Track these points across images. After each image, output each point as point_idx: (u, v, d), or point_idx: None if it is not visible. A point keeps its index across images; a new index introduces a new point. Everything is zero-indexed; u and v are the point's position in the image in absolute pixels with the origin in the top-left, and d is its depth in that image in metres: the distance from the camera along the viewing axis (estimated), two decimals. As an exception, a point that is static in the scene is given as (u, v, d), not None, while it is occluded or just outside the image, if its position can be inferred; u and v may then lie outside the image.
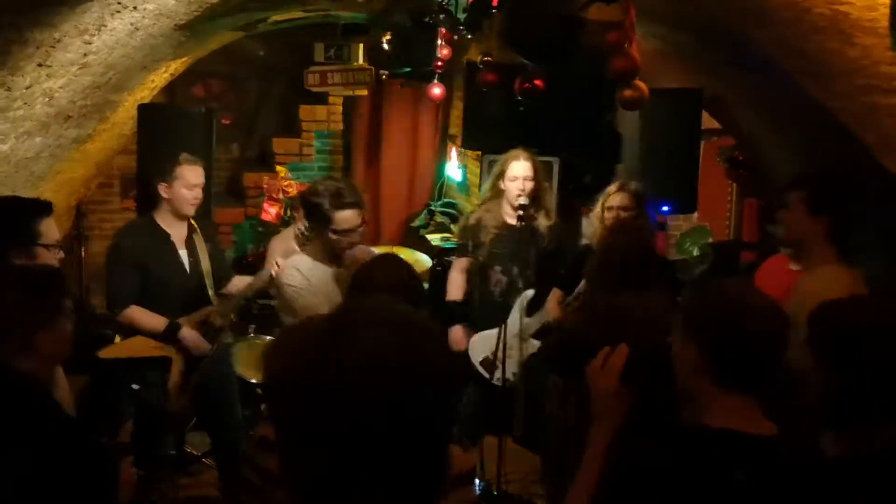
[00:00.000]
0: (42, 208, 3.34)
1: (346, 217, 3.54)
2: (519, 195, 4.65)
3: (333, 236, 3.55)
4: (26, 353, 2.32)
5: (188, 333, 4.24)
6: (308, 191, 3.70)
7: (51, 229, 3.31)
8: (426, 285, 6.54)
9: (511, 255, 4.69)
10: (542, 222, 4.78)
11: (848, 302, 2.21)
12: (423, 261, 6.58)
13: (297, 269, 3.62)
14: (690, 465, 1.83)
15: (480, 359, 4.81)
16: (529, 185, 4.68)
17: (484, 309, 4.87)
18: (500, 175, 4.75)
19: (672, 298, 2.67)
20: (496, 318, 4.66)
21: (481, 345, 4.83)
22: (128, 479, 2.43)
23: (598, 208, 4.49)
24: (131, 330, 4.24)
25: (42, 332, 2.35)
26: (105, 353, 4.32)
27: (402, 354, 1.11)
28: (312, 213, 3.61)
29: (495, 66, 4.91)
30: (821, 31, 3.15)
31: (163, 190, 4.24)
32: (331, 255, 3.63)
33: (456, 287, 4.93)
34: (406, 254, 6.31)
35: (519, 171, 4.68)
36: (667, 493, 1.81)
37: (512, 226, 4.68)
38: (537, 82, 4.09)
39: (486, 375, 4.77)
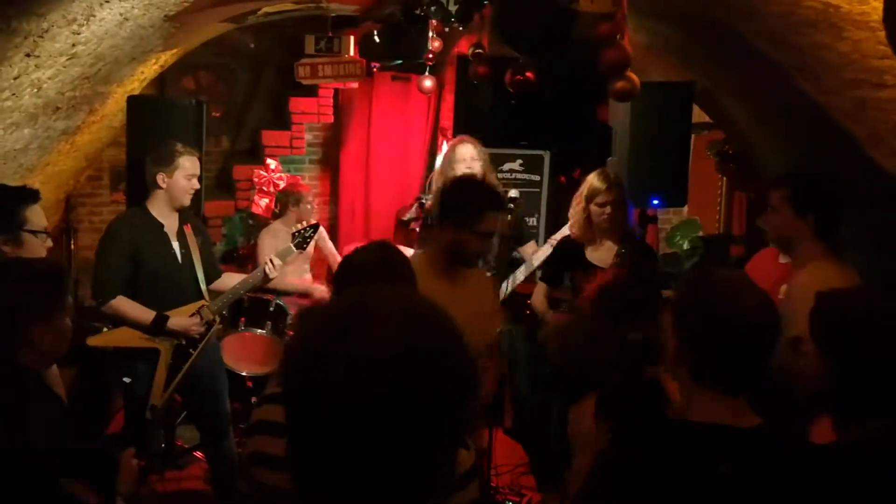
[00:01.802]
0: (28, 195, 3.34)
1: (495, 218, 3.29)
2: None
3: (472, 237, 3.25)
4: (24, 348, 2.30)
5: (176, 323, 4.21)
6: (454, 185, 3.46)
7: (37, 216, 3.32)
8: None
9: None
10: None
11: (850, 293, 2.21)
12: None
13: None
14: (674, 461, 1.82)
15: None
16: (477, 164, 4.74)
17: None
18: (448, 163, 4.84)
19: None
20: None
21: None
22: (129, 471, 2.41)
23: (579, 199, 4.47)
24: (118, 321, 4.22)
25: (39, 327, 2.33)
26: (94, 341, 4.31)
27: (416, 351, 1.08)
28: (454, 208, 3.29)
29: (487, 58, 4.90)
30: (812, 25, 3.15)
31: (161, 180, 4.21)
32: (453, 260, 3.29)
33: None
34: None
35: (465, 153, 4.80)
36: (652, 491, 1.81)
37: None
38: (528, 74, 4.08)
39: None
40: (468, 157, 4.77)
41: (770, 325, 1.88)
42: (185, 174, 4.24)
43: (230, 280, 4.60)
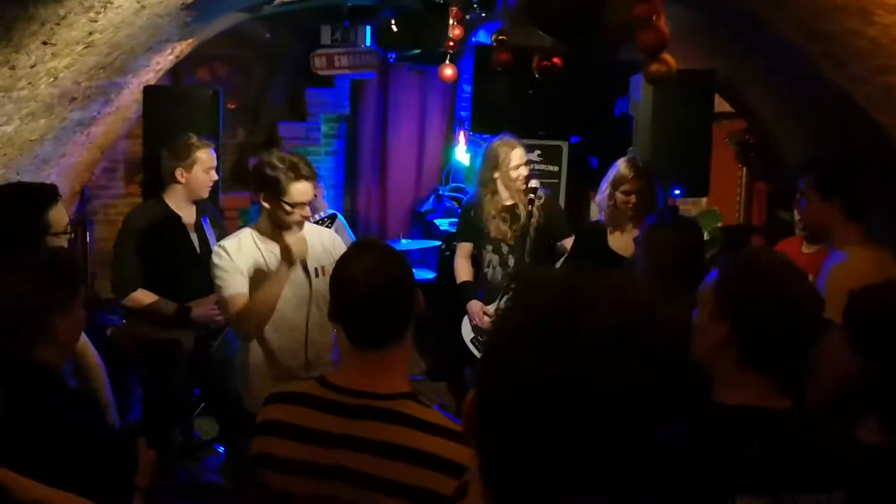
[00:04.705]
0: (49, 195, 3.25)
1: (301, 189, 3.44)
2: (528, 179, 4.65)
3: (287, 208, 3.44)
4: (45, 341, 2.28)
5: (199, 313, 4.17)
6: (262, 162, 3.55)
7: (60, 215, 3.22)
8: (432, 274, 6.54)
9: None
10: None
11: (883, 288, 2.15)
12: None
13: (223, 248, 3.52)
14: (706, 442, 1.79)
15: (471, 337, 4.83)
16: (524, 170, 4.69)
17: (479, 287, 4.89)
18: (497, 165, 4.69)
19: None
20: (490, 296, 4.69)
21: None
22: (146, 464, 2.39)
23: (607, 186, 4.40)
24: (138, 313, 4.19)
25: (61, 318, 2.31)
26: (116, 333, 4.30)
27: (643, 324, 1.03)
28: (265, 184, 3.48)
29: (510, 46, 4.83)
30: (840, 10, 3.09)
31: (179, 175, 4.19)
32: (277, 229, 3.51)
33: (464, 271, 4.94)
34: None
35: (520, 158, 4.67)
36: (683, 471, 1.77)
37: (506, 207, 4.69)
38: (556, 60, 4.00)
39: (477, 354, 4.77)
40: (520, 162, 4.68)
41: (819, 308, 1.89)
42: (203, 168, 4.21)
43: None
